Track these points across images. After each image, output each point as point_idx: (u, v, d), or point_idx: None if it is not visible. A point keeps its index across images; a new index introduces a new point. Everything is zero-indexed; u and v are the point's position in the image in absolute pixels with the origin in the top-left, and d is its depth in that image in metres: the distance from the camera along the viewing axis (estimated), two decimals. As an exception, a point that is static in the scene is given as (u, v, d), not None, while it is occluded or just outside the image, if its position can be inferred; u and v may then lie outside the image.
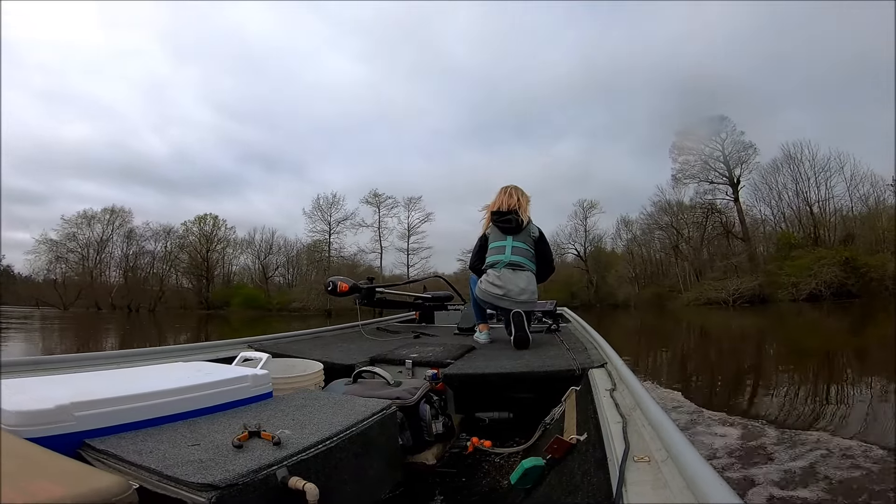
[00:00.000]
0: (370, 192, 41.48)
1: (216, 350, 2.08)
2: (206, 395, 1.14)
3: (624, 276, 37.70)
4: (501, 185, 2.67)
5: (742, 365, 7.46)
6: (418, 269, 40.29)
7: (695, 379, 6.29)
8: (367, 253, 41.22)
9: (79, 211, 39.76)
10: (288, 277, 42.65)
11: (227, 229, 43.51)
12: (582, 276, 39.15)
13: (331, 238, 41.11)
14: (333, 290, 3.04)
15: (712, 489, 0.55)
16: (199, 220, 42.91)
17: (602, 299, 37.18)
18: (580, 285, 38.24)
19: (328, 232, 41.19)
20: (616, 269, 38.45)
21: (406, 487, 1.31)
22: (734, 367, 7.20)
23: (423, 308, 3.88)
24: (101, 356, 1.73)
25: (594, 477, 0.80)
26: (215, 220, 43.23)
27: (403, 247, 41.24)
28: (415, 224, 41.70)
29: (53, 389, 1.01)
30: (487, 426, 1.80)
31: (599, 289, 38.14)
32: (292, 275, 42.47)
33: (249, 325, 21.63)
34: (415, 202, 41.75)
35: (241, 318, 28.88)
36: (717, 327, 16.04)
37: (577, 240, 41.28)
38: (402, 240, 41.48)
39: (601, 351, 1.89)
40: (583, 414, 1.22)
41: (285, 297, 38.17)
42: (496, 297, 2.43)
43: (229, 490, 0.74)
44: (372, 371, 1.65)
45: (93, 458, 0.86)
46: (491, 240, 2.57)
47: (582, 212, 41.23)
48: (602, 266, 39.13)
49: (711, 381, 5.93)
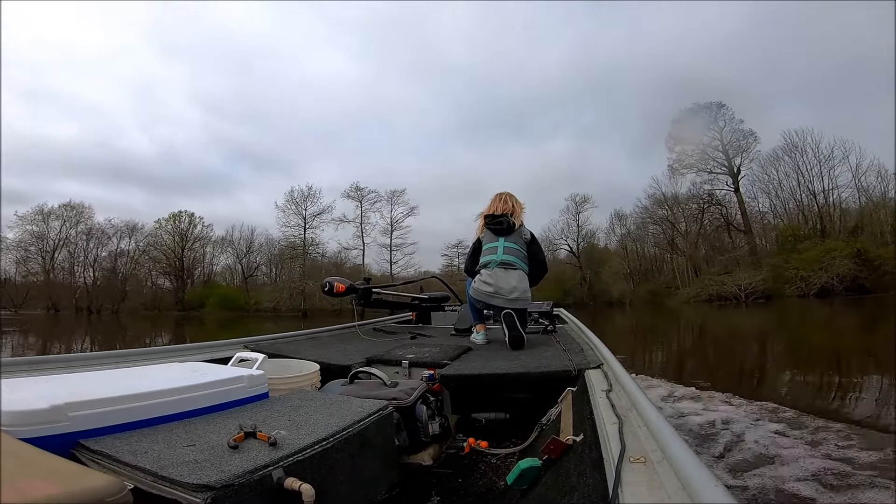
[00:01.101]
0: (351, 185, 39.57)
1: (212, 350, 2.08)
2: (201, 396, 1.14)
3: (619, 273, 36.48)
4: (495, 186, 2.73)
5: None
6: (402, 266, 38.77)
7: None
8: (349, 249, 39.38)
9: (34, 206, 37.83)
10: (272, 276, 40.92)
11: (205, 227, 41.40)
12: (575, 273, 37.89)
13: (306, 234, 38.84)
14: (330, 290, 3.03)
15: (707, 490, 0.55)
16: (173, 217, 40.81)
17: (596, 297, 36.08)
18: (573, 282, 37.16)
19: (303, 227, 38.81)
20: (610, 265, 37.16)
21: (402, 488, 1.31)
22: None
23: (419, 309, 3.88)
24: (96, 356, 1.72)
25: (590, 477, 0.80)
26: (191, 218, 41.09)
27: (386, 242, 39.32)
28: (398, 218, 39.70)
29: (48, 389, 1.01)
30: (484, 427, 1.80)
31: (593, 286, 36.96)
32: (276, 274, 40.50)
33: (220, 328, 20.06)
34: (398, 195, 39.64)
35: (215, 320, 27.46)
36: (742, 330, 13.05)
37: (570, 235, 39.85)
38: (385, 235, 39.53)
39: (597, 352, 1.89)
40: (579, 415, 1.22)
41: (262, 297, 36.58)
42: (488, 296, 2.45)
43: (225, 491, 0.74)
44: (368, 372, 1.65)
45: (87, 459, 0.85)
46: (484, 242, 2.61)
47: (574, 206, 39.68)
48: (595, 263, 37.93)
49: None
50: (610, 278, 36.56)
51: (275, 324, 22.92)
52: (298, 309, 34.02)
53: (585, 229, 39.92)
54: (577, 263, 38.28)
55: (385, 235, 39.50)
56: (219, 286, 39.03)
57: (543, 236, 38.07)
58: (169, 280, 40.39)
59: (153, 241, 40.07)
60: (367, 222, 39.38)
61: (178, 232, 40.48)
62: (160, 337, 15.61)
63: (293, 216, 38.99)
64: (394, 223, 39.41)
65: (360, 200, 39.37)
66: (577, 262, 38.37)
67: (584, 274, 37.68)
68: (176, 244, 40.26)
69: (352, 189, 39.51)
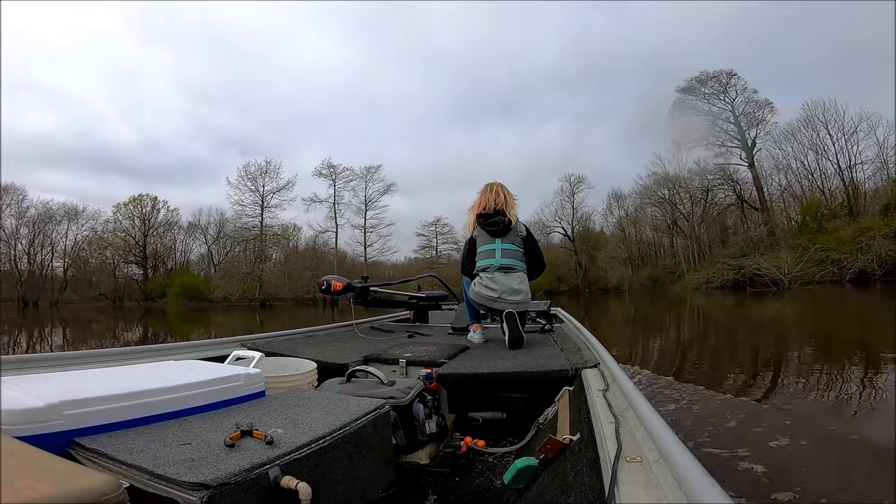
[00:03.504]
0: (323, 161, 36.46)
1: (208, 348, 2.07)
2: (197, 394, 1.14)
3: (617, 257, 33.67)
4: (487, 174, 2.66)
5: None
6: (376, 250, 35.95)
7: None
8: (321, 232, 36.09)
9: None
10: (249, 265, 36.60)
11: (170, 211, 38.02)
12: (569, 259, 35.12)
13: (263, 213, 35.00)
14: (327, 288, 3.03)
15: (703, 489, 0.56)
16: (134, 200, 37.35)
17: (591, 283, 33.60)
18: (567, 268, 34.65)
19: (260, 206, 35.03)
20: (606, 249, 34.37)
21: (399, 487, 1.31)
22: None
23: (417, 307, 3.88)
24: (92, 354, 1.71)
25: (587, 477, 0.81)
26: (154, 202, 37.71)
27: (361, 223, 36.16)
28: (373, 197, 36.56)
29: (43, 388, 1.00)
30: (481, 426, 1.80)
31: (588, 272, 34.47)
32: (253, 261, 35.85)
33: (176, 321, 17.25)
34: (373, 172, 36.61)
35: (174, 312, 24.46)
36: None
37: (564, 217, 36.88)
38: (360, 215, 36.43)
39: (594, 351, 1.90)
40: (576, 414, 1.23)
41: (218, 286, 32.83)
42: (490, 300, 2.44)
43: (221, 489, 0.74)
44: (365, 370, 1.65)
45: (82, 457, 0.85)
46: (479, 243, 2.57)
47: (569, 187, 36.79)
48: (591, 247, 35.31)
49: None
50: (607, 263, 33.98)
51: (226, 316, 20.61)
52: (252, 298, 30.70)
53: (581, 212, 37.18)
54: (571, 248, 35.62)
55: (360, 216, 36.72)
56: (184, 274, 35.84)
57: (536, 219, 35.95)
58: (137, 269, 37.51)
59: (115, 226, 36.94)
60: (340, 202, 36.61)
61: (141, 217, 37.34)
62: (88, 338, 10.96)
63: (248, 193, 35.37)
64: (368, 202, 36.69)
65: (334, 179, 36.40)
66: (571, 247, 35.68)
67: (580, 259, 35.16)
68: (137, 230, 37.26)
69: (324, 166, 36.57)
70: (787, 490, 2.07)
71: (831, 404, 3.35)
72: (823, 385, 3.91)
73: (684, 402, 3.60)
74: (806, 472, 2.27)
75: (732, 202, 31.03)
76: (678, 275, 30.24)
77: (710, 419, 3.05)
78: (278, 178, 35.58)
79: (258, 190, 35.34)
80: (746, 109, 30.89)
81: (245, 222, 35.65)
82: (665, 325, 10.85)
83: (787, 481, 2.14)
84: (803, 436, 2.62)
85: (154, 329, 13.46)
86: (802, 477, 2.21)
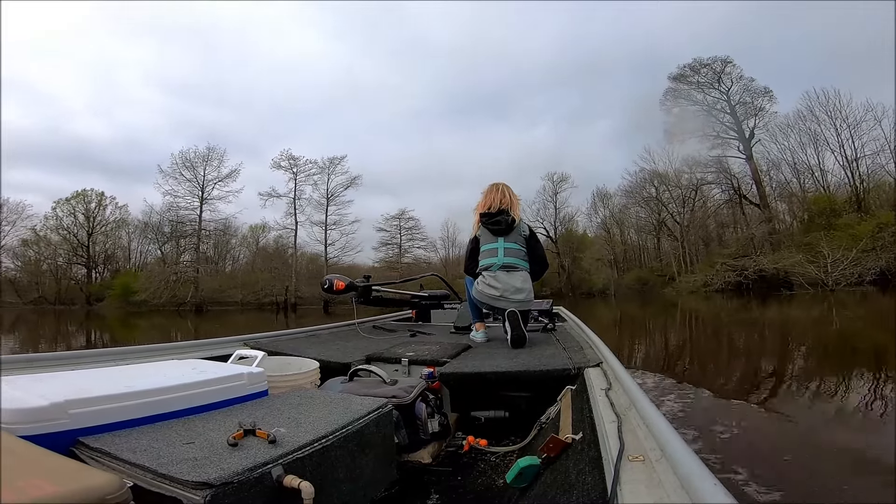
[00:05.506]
0: (283, 152, 32.73)
1: (211, 348, 2.08)
2: (201, 393, 1.14)
3: (602, 259, 32.18)
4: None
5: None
6: (339, 249, 33.20)
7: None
8: (278, 229, 33.01)
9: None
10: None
11: (117, 208, 34.67)
12: (552, 261, 31.80)
13: (202, 205, 30.84)
14: (330, 288, 3.04)
15: (706, 488, 0.55)
16: (77, 196, 33.78)
17: (575, 286, 32.19)
18: (549, 271, 31.84)
19: (200, 197, 30.85)
20: (591, 250, 32.88)
21: (402, 486, 1.32)
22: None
23: (419, 306, 3.89)
24: (96, 353, 1.72)
25: (589, 476, 0.80)
26: (100, 198, 34.28)
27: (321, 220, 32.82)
28: (336, 191, 33.06)
29: (48, 387, 1.01)
30: (483, 425, 1.80)
31: (572, 275, 33.05)
32: (187, 260, 31.93)
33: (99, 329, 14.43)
34: (336, 163, 32.96)
35: (115, 316, 21.72)
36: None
37: (546, 218, 35.27)
38: (320, 211, 32.91)
39: (597, 350, 1.90)
40: (578, 413, 1.22)
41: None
42: (493, 299, 2.44)
43: (224, 488, 0.74)
44: (368, 369, 1.65)
45: (87, 456, 0.85)
46: (482, 242, 2.57)
47: (552, 186, 35.29)
48: (574, 249, 33.85)
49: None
50: (592, 265, 32.54)
51: (148, 320, 18.25)
52: (182, 302, 27.06)
53: (563, 212, 35.58)
54: (554, 249, 33.78)
55: (321, 211, 33.06)
56: (127, 275, 32.22)
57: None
58: (83, 270, 34.32)
59: (56, 223, 33.40)
60: (301, 197, 33.04)
61: (85, 213, 33.89)
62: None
63: (185, 182, 30.83)
64: (330, 196, 33.16)
65: (295, 172, 32.69)
66: (554, 248, 33.92)
67: (562, 261, 33.64)
68: (80, 228, 33.84)
69: (283, 157, 32.67)
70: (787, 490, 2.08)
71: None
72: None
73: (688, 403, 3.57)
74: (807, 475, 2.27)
75: (729, 198, 29.62)
76: (669, 277, 28.97)
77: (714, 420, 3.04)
78: (220, 168, 31.60)
79: (196, 178, 31.14)
80: (743, 98, 29.05)
81: (181, 215, 31.36)
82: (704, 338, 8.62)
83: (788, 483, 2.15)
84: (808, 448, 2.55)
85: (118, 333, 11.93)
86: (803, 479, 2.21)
